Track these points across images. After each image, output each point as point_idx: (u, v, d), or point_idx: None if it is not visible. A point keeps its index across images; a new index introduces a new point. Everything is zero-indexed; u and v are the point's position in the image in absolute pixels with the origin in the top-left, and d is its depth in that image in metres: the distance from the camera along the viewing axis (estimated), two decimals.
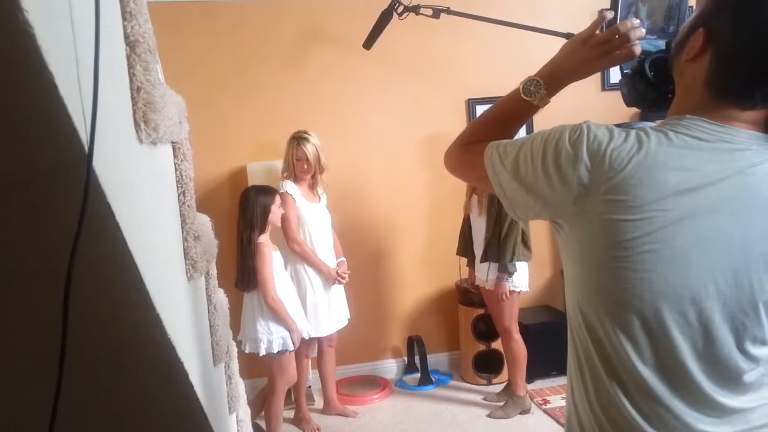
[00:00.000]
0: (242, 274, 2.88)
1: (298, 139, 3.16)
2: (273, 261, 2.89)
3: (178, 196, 0.86)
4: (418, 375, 3.93)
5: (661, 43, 1.24)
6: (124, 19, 0.58)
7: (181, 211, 0.86)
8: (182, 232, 0.86)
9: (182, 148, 0.87)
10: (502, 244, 3.23)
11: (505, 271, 3.23)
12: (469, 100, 4.00)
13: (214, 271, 1.16)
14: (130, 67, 0.59)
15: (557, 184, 0.90)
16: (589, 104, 4.13)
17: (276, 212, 2.91)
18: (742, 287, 0.87)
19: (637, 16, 1.26)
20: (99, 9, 0.41)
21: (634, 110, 4.18)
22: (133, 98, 0.59)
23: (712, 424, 0.91)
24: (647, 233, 0.85)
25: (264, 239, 2.89)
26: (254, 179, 3.45)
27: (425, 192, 4.02)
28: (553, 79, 1.11)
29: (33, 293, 0.41)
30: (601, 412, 0.94)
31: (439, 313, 4.09)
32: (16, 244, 0.39)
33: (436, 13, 3.21)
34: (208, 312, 1.14)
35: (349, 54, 3.82)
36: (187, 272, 0.86)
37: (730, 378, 0.90)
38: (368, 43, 3.15)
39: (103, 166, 0.46)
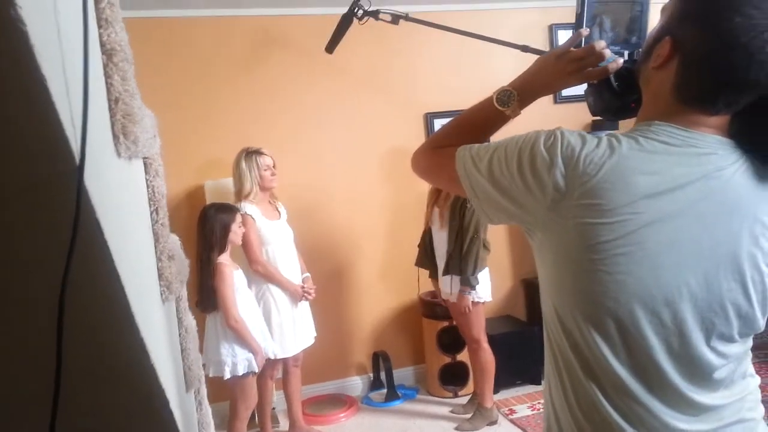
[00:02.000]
0: (202, 294, 2.79)
1: (255, 152, 3.10)
2: (234, 280, 2.81)
3: (151, 213, 0.82)
4: (384, 391, 3.89)
5: (623, 55, 1.27)
6: (99, 26, 0.55)
7: (154, 229, 0.81)
8: (156, 252, 0.81)
9: (154, 164, 0.83)
10: (464, 258, 3.24)
11: (468, 284, 3.24)
12: (427, 114, 4.03)
13: (185, 293, 1.11)
14: (108, 77, 0.55)
15: (533, 188, 0.91)
16: (543, 116, 4.21)
17: (237, 231, 2.84)
18: (712, 288, 0.90)
19: (601, 28, 1.29)
20: (87, 14, 0.38)
21: (587, 122, 4.30)
22: (111, 109, 0.55)
23: (687, 422, 0.93)
24: (620, 236, 0.86)
25: (224, 259, 2.81)
26: (211, 197, 3.36)
27: (385, 206, 4.01)
28: (525, 91, 1.14)
29: (24, 310, 0.38)
30: (580, 413, 0.96)
31: (402, 327, 4.07)
32: (8, 259, 0.35)
33: (395, 19, 3.22)
34: (179, 335, 1.09)
35: (305, 68, 3.80)
36: (162, 293, 0.82)
37: (702, 376, 0.93)
38: (330, 47, 3.13)
39: (88, 179, 0.43)
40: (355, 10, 3.01)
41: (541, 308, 1.04)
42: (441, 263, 3.41)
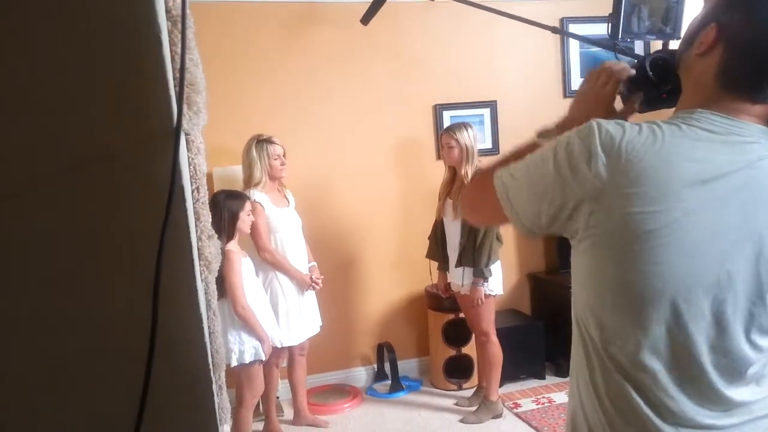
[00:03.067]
0: None
1: (266, 140, 3.08)
2: (242, 268, 2.80)
3: (192, 192, 0.80)
4: (388, 382, 3.89)
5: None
6: None
7: (195, 208, 0.80)
8: (197, 231, 0.80)
9: (196, 141, 0.82)
10: (477, 250, 3.23)
11: (481, 275, 3.23)
12: (436, 105, 4.01)
13: (212, 278, 1.10)
14: (172, 44, 0.53)
15: (572, 184, 0.90)
16: (551, 111, 4.20)
17: (245, 219, 2.82)
18: (753, 278, 0.89)
19: (639, 17, 1.28)
20: None
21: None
22: (175, 78, 0.53)
23: (717, 417, 0.93)
24: (665, 225, 0.85)
25: (232, 246, 2.80)
26: (219, 184, 3.34)
27: (394, 197, 4.00)
28: (567, 127, 1.13)
29: (120, 277, 0.37)
30: (611, 407, 0.95)
31: (408, 319, 4.07)
32: (103, 221, 0.34)
33: None
34: (208, 318, 1.08)
35: (316, 58, 3.77)
36: (201, 273, 0.81)
37: (737, 370, 0.92)
38: (366, 19, 3.11)
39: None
40: None
41: (545, 304, 1.04)
42: (453, 255, 3.40)
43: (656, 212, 0.85)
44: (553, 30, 1.93)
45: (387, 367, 3.92)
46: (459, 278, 3.35)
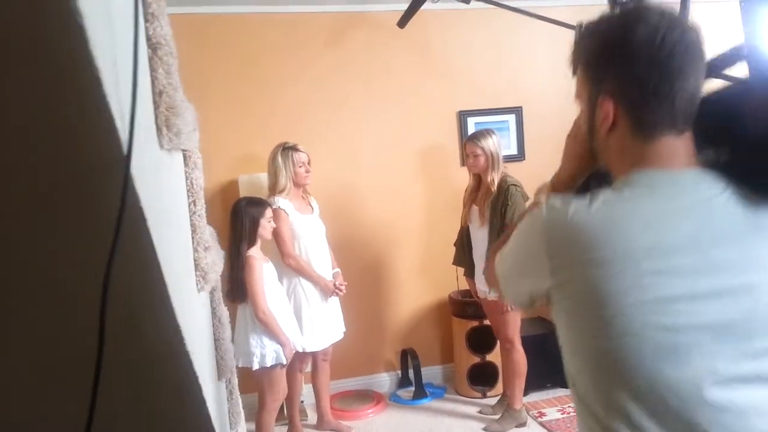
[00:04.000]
0: (232, 285, 2.83)
1: (291, 148, 3.14)
2: (264, 273, 2.85)
3: (189, 205, 0.84)
4: (412, 389, 3.89)
5: None
6: (146, 20, 0.57)
7: (191, 220, 0.83)
8: (193, 242, 0.83)
9: (193, 156, 0.85)
10: None
11: None
12: (460, 112, 4.01)
13: (218, 284, 1.13)
14: (153, 70, 0.57)
15: (534, 267, 0.93)
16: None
17: (266, 226, 2.87)
18: (718, 311, 0.87)
19: None
20: (138, 8, 0.39)
21: None
22: (155, 102, 0.57)
23: None
24: (627, 285, 0.85)
25: (254, 252, 2.85)
26: (245, 191, 3.41)
27: (419, 204, 4.01)
28: (558, 184, 1.16)
29: (70, 295, 0.39)
30: None
31: (432, 326, 4.07)
32: (56, 244, 0.37)
33: None
34: (213, 325, 1.11)
35: (340, 66, 3.82)
36: (197, 283, 0.84)
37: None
38: (402, 22, 3.14)
39: (135, 169, 0.44)
40: None
41: None
42: (479, 262, 3.39)
43: (613, 274, 0.85)
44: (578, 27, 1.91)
45: (411, 373, 3.92)
46: (485, 285, 3.33)
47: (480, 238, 3.37)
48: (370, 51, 3.85)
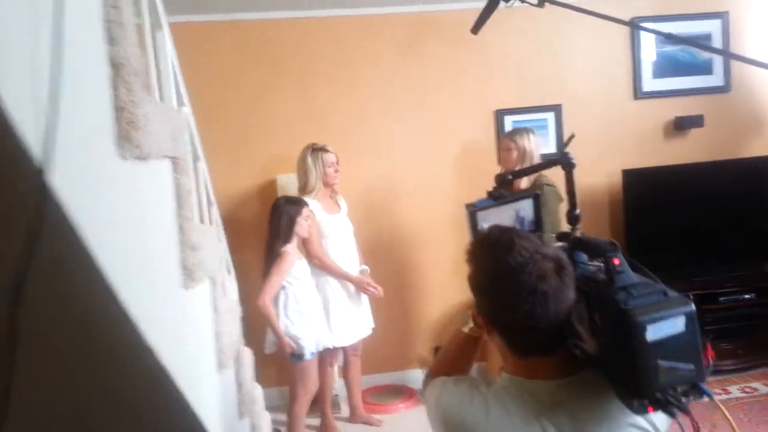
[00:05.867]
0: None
1: (320, 149, 3.19)
2: (294, 270, 2.93)
3: (177, 209, 0.90)
4: None
5: None
6: (108, 43, 0.62)
7: (178, 222, 0.89)
8: (180, 242, 0.89)
9: (181, 162, 0.91)
10: None
11: None
12: (497, 111, 3.99)
13: (220, 279, 1.20)
14: (114, 87, 0.62)
15: None
16: (621, 114, 4.07)
17: (302, 224, 2.96)
18: None
19: None
20: (61, 37, 0.44)
21: (669, 118, 4.09)
22: (116, 117, 0.62)
23: None
24: None
25: (289, 248, 2.94)
26: (283, 191, 3.51)
27: (453, 203, 4.00)
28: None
29: None
30: None
31: None
32: None
33: (541, 2, 3.22)
34: (214, 320, 1.18)
35: (375, 68, 3.86)
36: (183, 281, 0.90)
37: None
38: (476, 29, 3.16)
39: (76, 181, 0.50)
40: None
41: None
42: None
43: None
44: (629, 24, 1.86)
45: None
46: None
47: None
48: (406, 50, 3.88)
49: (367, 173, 3.89)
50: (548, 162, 3.25)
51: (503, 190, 1.78)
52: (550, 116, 4.05)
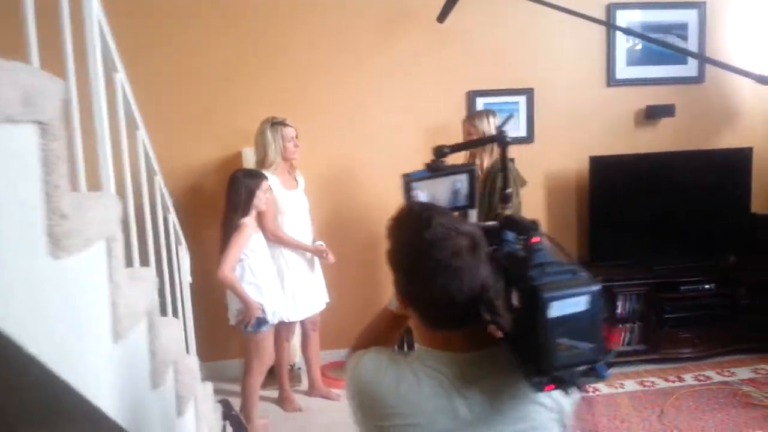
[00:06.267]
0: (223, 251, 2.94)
1: (280, 123, 3.16)
2: (252, 243, 2.94)
3: (44, 176, 0.90)
4: None
5: None
6: None
7: (46, 190, 0.89)
8: (46, 211, 0.89)
9: (52, 128, 0.91)
10: None
11: None
12: (469, 92, 3.97)
13: (117, 251, 1.20)
14: None
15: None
16: (595, 99, 4.06)
17: (261, 197, 2.96)
18: None
19: None
20: None
21: (641, 106, 4.08)
22: None
23: None
24: None
25: (247, 220, 2.95)
26: (249, 164, 3.49)
27: None
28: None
29: None
30: None
31: None
32: None
33: None
34: (109, 290, 1.18)
35: (347, 46, 3.83)
36: (51, 250, 0.90)
37: None
38: (441, 17, 3.13)
39: None
40: None
41: None
42: None
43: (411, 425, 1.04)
44: (608, 25, 1.85)
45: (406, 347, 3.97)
46: None
47: (472, 217, 3.35)
48: (379, 29, 3.84)
49: (335, 150, 3.89)
50: (486, 139, 3.25)
51: (439, 162, 1.80)
52: (522, 100, 4.03)
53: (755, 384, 3.58)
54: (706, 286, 3.86)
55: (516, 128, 4.03)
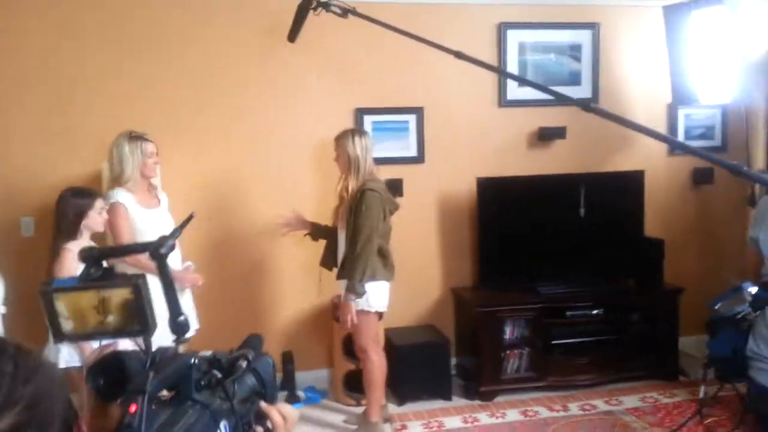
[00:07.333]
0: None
1: (139, 137, 2.95)
2: (74, 266, 2.74)
3: None
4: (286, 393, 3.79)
5: None
6: None
7: None
8: None
9: None
10: (353, 262, 3.06)
11: (353, 290, 3.05)
12: (357, 109, 3.87)
13: None
14: None
15: None
16: (484, 120, 3.98)
17: (95, 218, 2.73)
18: None
19: None
20: None
21: (533, 128, 4.02)
22: None
23: None
24: None
25: (71, 245, 2.65)
26: (106, 181, 3.30)
27: (309, 202, 3.87)
28: None
29: None
30: None
31: (315, 328, 3.95)
32: None
33: (344, 12, 3.09)
34: None
35: (236, 54, 3.70)
36: None
37: None
38: (292, 36, 3.01)
39: None
40: (311, 4, 2.89)
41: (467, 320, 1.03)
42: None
43: None
44: (456, 55, 1.74)
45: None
46: (341, 290, 3.19)
47: (341, 241, 3.23)
48: (265, 41, 3.71)
49: (217, 168, 3.73)
50: (140, 245, 3.00)
51: (93, 270, 1.07)
52: (411, 118, 3.94)
53: (639, 413, 3.50)
54: (594, 312, 3.78)
55: (406, 149, 3.93)
